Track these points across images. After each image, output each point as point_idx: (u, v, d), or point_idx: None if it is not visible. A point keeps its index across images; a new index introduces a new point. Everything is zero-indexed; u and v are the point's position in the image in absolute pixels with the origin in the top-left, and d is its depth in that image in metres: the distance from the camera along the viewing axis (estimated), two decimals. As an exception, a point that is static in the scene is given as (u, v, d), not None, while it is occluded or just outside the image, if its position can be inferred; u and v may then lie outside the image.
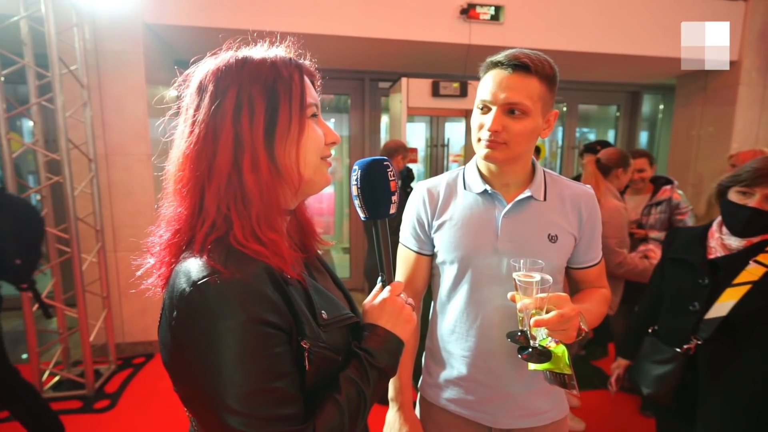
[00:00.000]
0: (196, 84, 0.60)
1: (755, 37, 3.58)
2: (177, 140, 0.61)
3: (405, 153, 2.56)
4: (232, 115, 0.57)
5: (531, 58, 0.89)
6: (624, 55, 3.50)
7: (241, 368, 0.51)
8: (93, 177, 2.73)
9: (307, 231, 0.77)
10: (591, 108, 5.48)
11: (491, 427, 1.01)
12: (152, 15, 2.82)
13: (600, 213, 1.03)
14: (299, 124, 0.61)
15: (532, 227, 0.96)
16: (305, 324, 0.58)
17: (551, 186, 1.01)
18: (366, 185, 0.71)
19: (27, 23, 2.40)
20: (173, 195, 0.60)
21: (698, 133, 4.05)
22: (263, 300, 0.53)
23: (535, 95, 0.89)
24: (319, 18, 2.99)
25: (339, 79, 4.28)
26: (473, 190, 1.01)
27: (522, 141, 0.91)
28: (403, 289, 0.73)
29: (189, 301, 0.52)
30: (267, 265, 0.57)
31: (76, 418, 2.38)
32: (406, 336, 0.70)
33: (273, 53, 0.62)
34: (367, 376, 0.63)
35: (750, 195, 1.19)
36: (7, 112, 2.34)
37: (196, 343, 0.52)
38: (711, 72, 3.83)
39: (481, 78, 0.96)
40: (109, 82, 2.84)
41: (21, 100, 2.67)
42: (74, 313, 2.57)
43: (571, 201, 0.99)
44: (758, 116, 3.72)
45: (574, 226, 0.99)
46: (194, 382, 0.53)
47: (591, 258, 1.03)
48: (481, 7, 3.13)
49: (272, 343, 0.53)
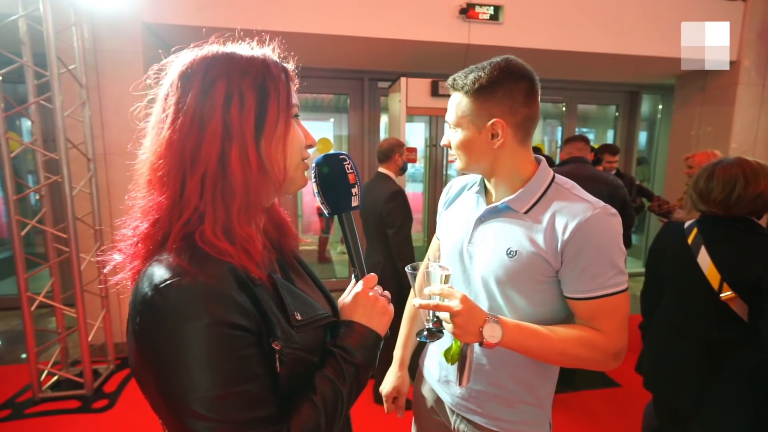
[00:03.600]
0: (177, 72, 0.58)
1: (754, 37, 3.59)
2: (155, 128, 0.59)
3: (401, 150, 2.55)
4: (222, 105, 0.56)
5: (456, 78, 0.93)
6: (623, 55, 3.50)
7: (208, 372, 0.50)
8: (92, 176, 2.73)
9: (282, 229, 0.76)
10: (590, 108, 5.49)
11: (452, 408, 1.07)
12: (151, 14, 2.82)
13: (601, 242, 0.85)
14: (285, 122, 0.61)
15: (496, 237, 0.94)
16: (276, 325, 0.57)
17: (548, 200, 0.91)
18: (324, 181, 0.71)
19: (25, 22, 2.40)
20: (152, 184, 0.58)
21: (697, 133, 4.06)
22: (228, 302, 0.52)
23: (461, 110, 0.93)
24: (319, 18, 2.99)
25: (338, 79, 4.28)
26: (473, 190, 1.06)
27: (463, 151, 0.95)
28: (376, 282, 0.73)
29: (151, 305, 0.50)
30: (232, 266, 0.55)
31: (75, 418, 2.38)
32: (382, 328, 0.70)
33: (261, 52, 0.62)
34: (343, 373, 0.63)
35: None
36: (5, 112, 2.33)
37: (160, 348, 0.50)
38: (710, 72, 3.84)
39: None
40: (107, 82, 2.84)
41: (19, 100, 2.66)
42: (73, 313, 2.57)
43: (558, 221, 0.86)
44: (757, 116, 3.73)
45: (547, 248, 0.86)
46: (160, 388, 0.51)
47: (580, 290, 0.87)
48: (480, 6, 3.13)
49: (239, 345, 0.52)
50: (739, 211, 1.30)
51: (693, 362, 1.37)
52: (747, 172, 1.28)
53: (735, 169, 1.30)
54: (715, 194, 1.32)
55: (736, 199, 1.28)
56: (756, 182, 1.27)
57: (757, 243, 1.27)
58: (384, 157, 2.57)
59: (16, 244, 2.38)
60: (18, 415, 2.40)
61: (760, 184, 1.27)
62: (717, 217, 1.34)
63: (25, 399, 2.54)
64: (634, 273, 4.91)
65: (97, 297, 2.86)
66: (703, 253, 1.34)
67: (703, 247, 1.34)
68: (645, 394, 1.69)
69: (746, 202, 1.28)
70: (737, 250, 1.29)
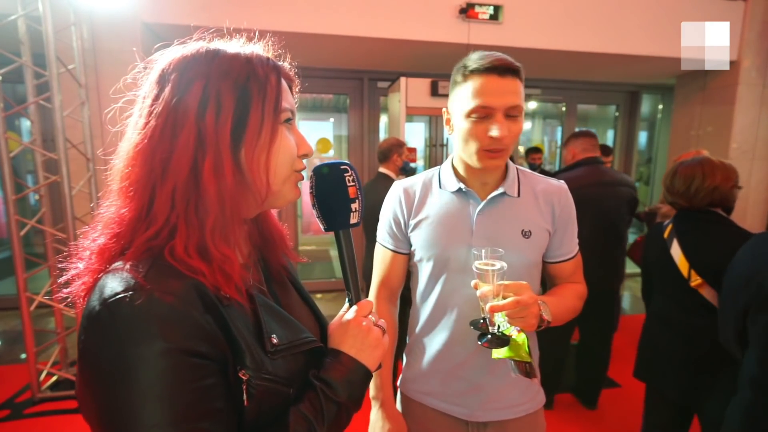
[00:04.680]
0: (157, 72, 0.53)
1: (754, 37, 3.59)
2: (128, 132, 0.53)
3: (400, 150, 2.55)
4: (197, 110, 0.50)
5: (514, 63, 0.91)
6: (623, 55, 3.50)
7: (156, 405, 0.42)
8: (91, 176, 2.73)
9: (272, 242, 0.68)
10: (590, 108, 5.49)
11: (468, 420, 1.03)
12: (150, 14, 2.82)
13: (574, 208, 1.04)
14: (271, 129, 0.54)
15: (506, 223, 0.98)
16: (245, 351, 0.50)
17: (524, 182, 1.02)
18: (321, 193, 0.64)
19: (25, 22, 2.40)
20: (117, 194, 0.52)
21: (697, 133, 4.05)
22: (187, 324, 0.45)
23: (522, 95, 0.92)
24: (319, 17, 2.99)
25: (338, 79, 4.27)
26: (448, 189, 1.02)
27: (517, 141, 0.95)
28: (371, 308, 0.66)
29: (97, 321, 0.44)
30: (198, 283, 0.48)
31: (74, 418, 2.38)
32: (373, 363, 0.62)
33: (249, 50, 0.55)
34: (323, 412, 0.55)
35: None
36: (4, 112, 2.33)
37: (103, 373, 0.43)
38: (710, 72, 3.84)
39: (462, 84, 0.93)
40: (107, 82, 2.83)
41: (18, 100, 2.66)
42: (72, 313, 2.57)
43: (544, 196, 1.01)
44: (757, 116, 3.72)
45: (548, 221, 1.00)
46: (100, 419, 0.44)
47: (565, 252, 1.04)
48: (480, 6, 3.13)
49: (198, 375, 0.45)
50: (699, 202, 1.44)
51: (677, 349, 1.48)
52: (705, 168, 1.43)
53: (695, 166, 1.46)
54: (677, 187, 1.48)
55: (695, 191, 1.44)
56: (713, 176, 1.42)
57: (720, 232, 1.41)
58: (383, 157, 2.57)
59: (15, 244, 2.38)
60: (17, 415, 2.39)
61: (716, 177, 1.41)
62: (687, 210, 1.48)
63: (25, 399, 2.54)
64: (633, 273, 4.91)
65: (97, 297, 2.85)
66: (675, 245, 1.48)
67: (675, 239, 1.48)
68: (643, 393, 1.69)
69: (704, 194, 1.43)
70: (702, 239, 1.43)
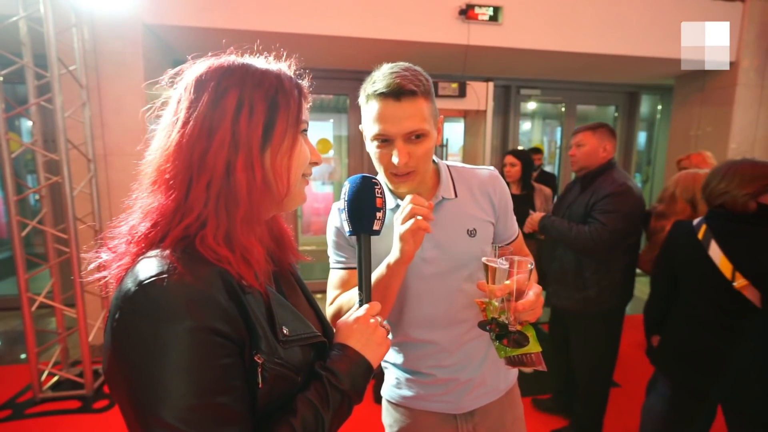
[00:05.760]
0: (193, 78, 0.59)
1: (753, 38, 3.60)
2: (164, 131, 0.59)
3: None
4: (233, 113, 0.57)
5: (413, 81, 0.85)
6: (622, 56, 3.51)
7: (182, 379, 0.47)
8: (92, 177, 2.74)
9: (282, 243, 0.75)
10: (589, 108, 5.49)
11: (455, 414, 1.04)
12: (151, 15, 2.83)
13: (508, 192, 1.06)
14: (293, 136, 0.61)
15: (449, 226, 0.98)
16: (261, 337, 0.55)
17: (458, 180, 1.02)
18: (352, 199, 0.75)
19: (26, 23, 2.41)
20: (157, 186, 0.58)
21: (696, 134, 4.06)
22: (213, 306, 0.50)
23: (427, 114, 0.88)
24: (318, 18, 3.00)
25: (338, 79, 4.28)
26: (387, 207, 0.94)
27: (427, 161, 0.92)
28: (379, 310, 0.72)
29: (132, 301, 0.49)
30: (223, 270, 0.54)
31: (75, 418, 2.39)
32: (376, 359, 0.67)
33: (276, 67, 0.63)
34: (328, 399, 0.59)
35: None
36: (5, 112, 2.34)
37: (135, 348, 0.48)
38: (709, 73, 3.85)
39: (365, 105, 0.90)
40: (108, 83, 2.84)
41: (18, 100, 2.67)
42: (73, 313, 2.57)
43: (480, 189, 1.02)
44: (756, 116, 3.73)
45: (489, 214, 1.01)
46: (130, 392, 0.48)
47: (510, 234, 1.07)
48: (479, 7, 3.14)
49: (219, 353, 0.50)
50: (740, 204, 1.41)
51: (714, 349, 1.47)
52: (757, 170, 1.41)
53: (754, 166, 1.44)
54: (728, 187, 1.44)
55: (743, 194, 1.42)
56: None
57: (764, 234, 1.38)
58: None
59: (16, 244, 2.38)
60: (18, 416, 2.40)
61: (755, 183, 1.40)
62: (726, 212, 1.45)
63: (26, 399, 2.54)
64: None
65: (98, 297, 2.86)
66: (713, 246, 1.44)
67: (713, 239, 1.44)
68: (643, 394, 1.70)
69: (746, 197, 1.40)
70: (745, 241, 1.40)
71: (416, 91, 0.85)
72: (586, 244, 1.89)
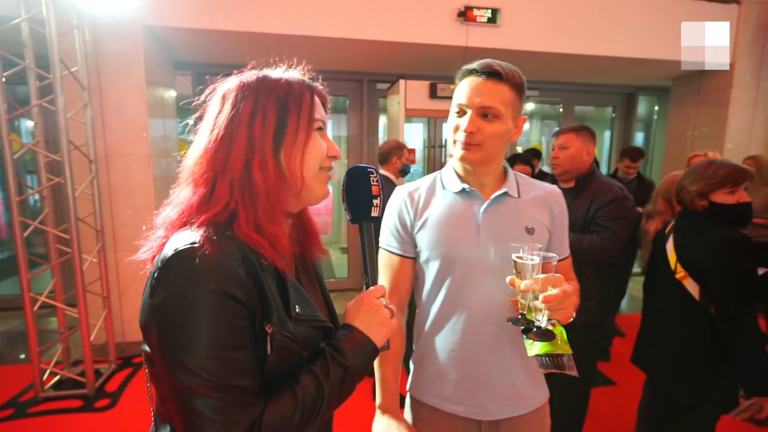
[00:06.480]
0: (221, 94, 0.69)
1: (748, 40, 3.63)
2: (198, 138, 0.69)
3: (400, 153, 2.59)
4: (248, 121, 0.65)
5: (503, 67, 0.96)
6: (619, 58, 3.54)
7: (203, 331, 0.56)
8: (93, 178, 2.76)
9: (309, 236, 0.83)
10: (587, 109, 5.52)
11: (480, 420, 1.03)
12: (152, 17, 2.85)
13: (567, 212, 1.11)
14: (305, 134, 0.68)
15: (510, 220, 1.02)
16: (273, 311, 0.62)
17: (523, 185, 1.09)
18: (349, 189, 0.79)
19: (28, 25, 2.42)
20: (189, 183, 0.68)
21: (693, 134, 4.10)
22: (231, 275, 0.58)
23: (506, 101, 0.96)
24: (318, 20, 3.02)
25: (337, 81, 4.30)
26: (451, 190, 1.06)
27: (495, 142, 0.98)
28: (384, 293, 0.76)
29: (168, 264, 0.58)
30: (245, 248, 0.61)
31: (77, 417, 2.40)
32: (380, 339, 0.72)
33: (289, 74, 0.72)
34: (329, 372, 0.64)
35: (737, 192, 1.44)
36: (8, 114, 2.35)
37: (166, 303, 0.57)
38: (705, 74, 3.88)
39: (457, 84, 1.02)
40: (109, 84, 2.86)
41: (19, 101, 2.68)
42: (75, 313, 2.59)
43: (542, 198, 1.07)
44: (751, 117, 3.77)
45: (547, 221, 1.06)
46: (160, 338, 0.57)
47: (561, 252, 1.09)
48: (478, 9, 3.16)
49: (233, 315, 0.58)
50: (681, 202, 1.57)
51: (665, 338, 1.58)
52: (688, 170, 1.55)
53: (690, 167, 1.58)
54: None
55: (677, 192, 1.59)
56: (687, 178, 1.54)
57: (703, 229, 1.51)
58: (383, 159, 2.60)
59: (18, 245, 2.40)
60: (20, 415, 2.42)
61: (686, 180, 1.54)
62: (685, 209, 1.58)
63: (28, 398, 2.56)
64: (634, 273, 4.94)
65: (99, 297, 2.88)
66: (670, 239, 1.58)
67: (672, 234, 1.58)
68: (640, 391, 1.73)
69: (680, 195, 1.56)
70: (688, 235, 1.53)
71: (502, 75, 0.95)
72: (603, 255, 1.75)
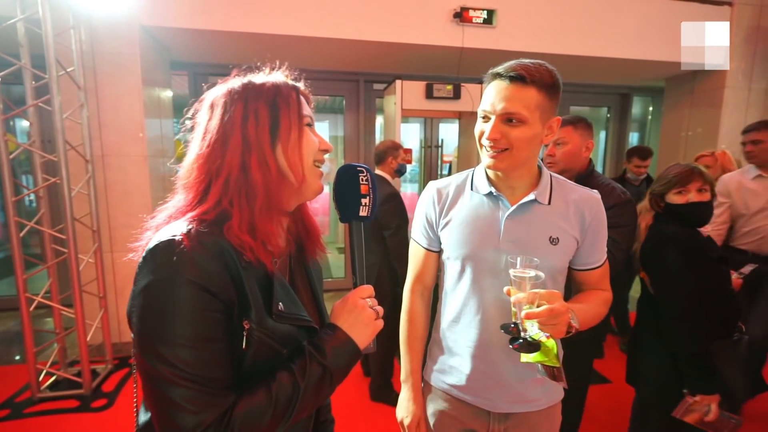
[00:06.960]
0: (209, 102, 0.70)
1: (740, 41, 3.67)
2: (191, 148, 0.70)
3: (396, 153, 2.60)
4: (241, 122, 0.66)
5: (528, 69, 0.91)
6: (614, 59, 3.57)
7: (176, 322, 0.57)
8: (89, 178, 2.75)
9: (310, 233, 0.83)
10: (582, 110, 5.55)
11: (490, 411, 1.07)
12: (149, 17, 2.85)
13: (605, 218, 1.05)
14: (298, 129, 0.70)
15: (534, 229, 1.00)
16: (252, 307, 0.62)
17: (557, 190, 1.04)
18: (339, 188, 0.78)
19: (24, 25, 2.41)
20: (180, 189, 0.69)
21: (686, 135, 4.14)
22: (207, 269, 0.59)
23: (532, 104, 0.92)
24: (315, 21, 3.03)
25: (334, 81, 4.31)
26: (480, 192, 1.05)
27: (523, 146, 0.94)
28: (371, 293, 0.76)
29: (149, 254, 0.60)
30: (226, 245, 0.62)
31: (74, 418, 2.40)
32: (363, 340, 0.71)
33: (273, 77, 0.72)
34: (306, 370, 0.64)
35: (686, 192, 1.45)
36: (4, 114, 2.35)
37: (144, 291, 0.58)
38: (698, 75, 3.92)
39: (484, 88, 0.99)
40: (105, 84, 2.86)
41: (14, 101, 2.67)
42: (71, 313, 2.59)
43: (576, 205, 1.02)
44: (743, 118, 3.81)
45: (576, 230, 1.02)
46: (138, 327, 0.59)
47: (594, 261, 1.06)
48: (474, 10, 3.19)
49: (208, 307, 0.59)
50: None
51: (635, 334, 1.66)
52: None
53: None
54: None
55: None
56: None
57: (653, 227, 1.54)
58: (379, 159, 2.61)
59: (14, 245, 2.40)
60: (17, 415, 2.42)
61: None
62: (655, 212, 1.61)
63: (24, 399, 2.56)
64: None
65: (95, 297, 2.87)
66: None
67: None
68: (634, 389, 1.75)
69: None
70: (649, 234, 1.56)
71: (526, 78, 0.90)
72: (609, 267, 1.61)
